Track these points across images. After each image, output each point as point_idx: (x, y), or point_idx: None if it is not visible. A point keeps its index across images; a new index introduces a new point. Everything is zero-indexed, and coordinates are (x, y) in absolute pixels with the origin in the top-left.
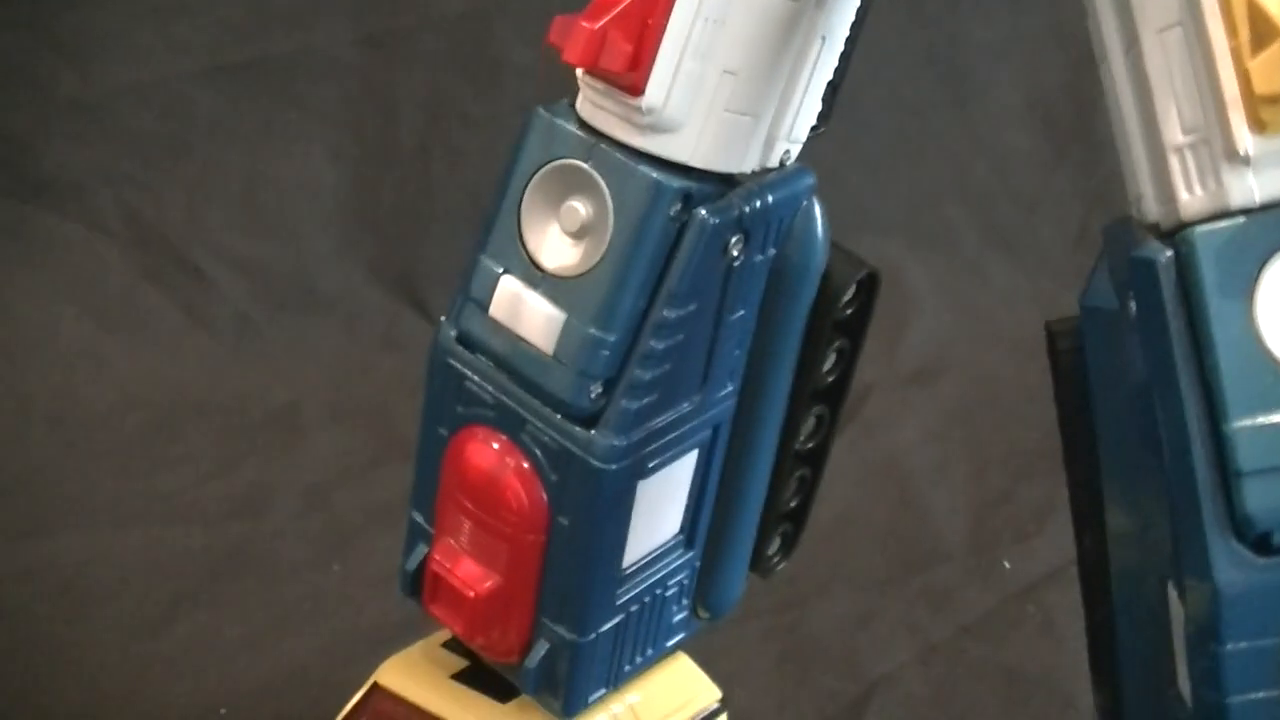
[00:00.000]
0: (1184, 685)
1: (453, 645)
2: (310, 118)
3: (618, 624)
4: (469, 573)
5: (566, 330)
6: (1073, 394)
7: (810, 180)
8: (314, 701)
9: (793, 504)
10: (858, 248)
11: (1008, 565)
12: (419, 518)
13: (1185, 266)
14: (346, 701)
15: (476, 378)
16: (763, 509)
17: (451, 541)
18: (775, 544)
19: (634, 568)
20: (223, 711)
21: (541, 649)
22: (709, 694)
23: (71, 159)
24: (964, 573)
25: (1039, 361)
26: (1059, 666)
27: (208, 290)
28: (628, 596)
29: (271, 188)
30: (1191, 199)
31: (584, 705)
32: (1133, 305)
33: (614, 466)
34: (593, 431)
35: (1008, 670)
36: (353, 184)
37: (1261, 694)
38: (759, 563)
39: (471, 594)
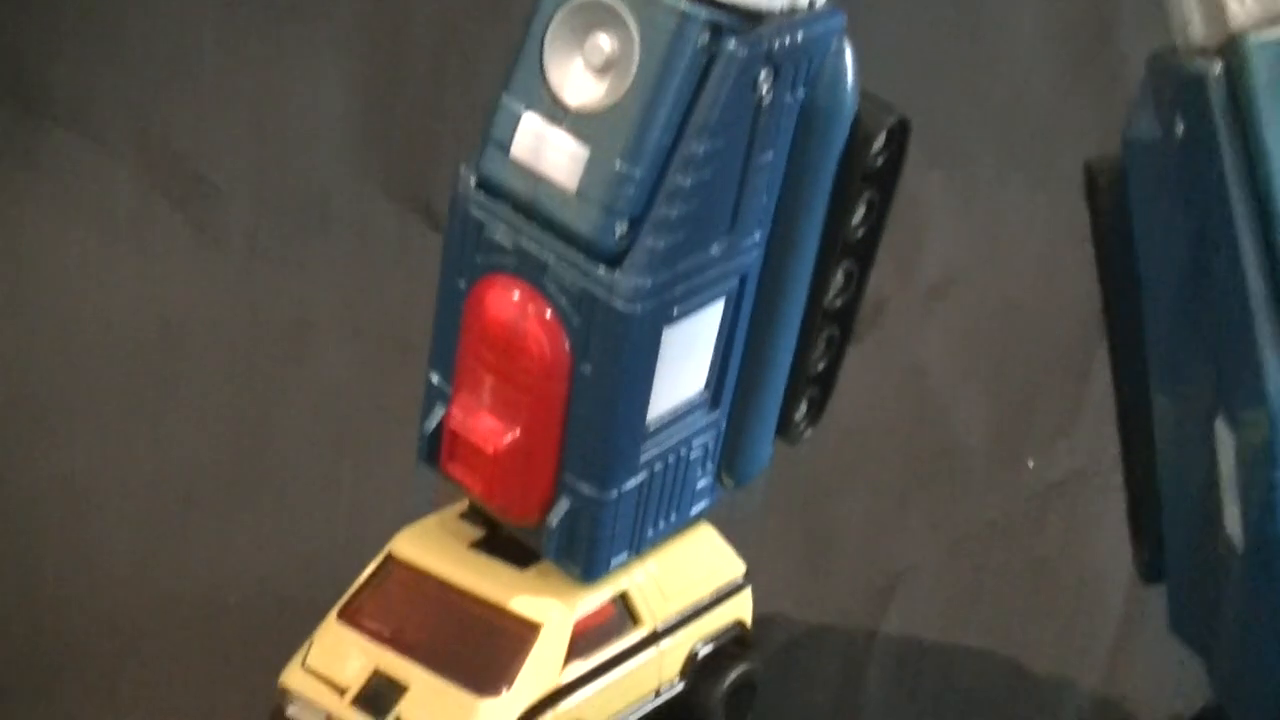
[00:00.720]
0: (1232, 527)
1: (470, 516)
2: (322, 36)
3: (641, 484)
4: (488, 428)
5: (591, 166)
6: (1113, 235)
7: (841, 21)
8: (325, 588)
9: (821, 366)
10: None
11: (1031, 465)
12: (436, 378)
13: (1236, 77)
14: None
15: (497, 224)
16: (790, 370)
17: (470, 398)
18: (802, 409)
19: (658, 424)
20: (233, 600)
21: (563, 507)
22: (734, 567)
23: (80, 78)
24: (987, 474)
25: (1058, 281)
26: (1089, 562)
27: (217, 208)
28: (652, 454)
29: (282, 106)
30: (1241, 8)
31: (605, 570)
32: (1180, 128)
33: (639, 308)
34: (617, 272)
35: (1036, 565)
36: (365, 103)
37: None
38: (786, 429)
39: (491, 449)
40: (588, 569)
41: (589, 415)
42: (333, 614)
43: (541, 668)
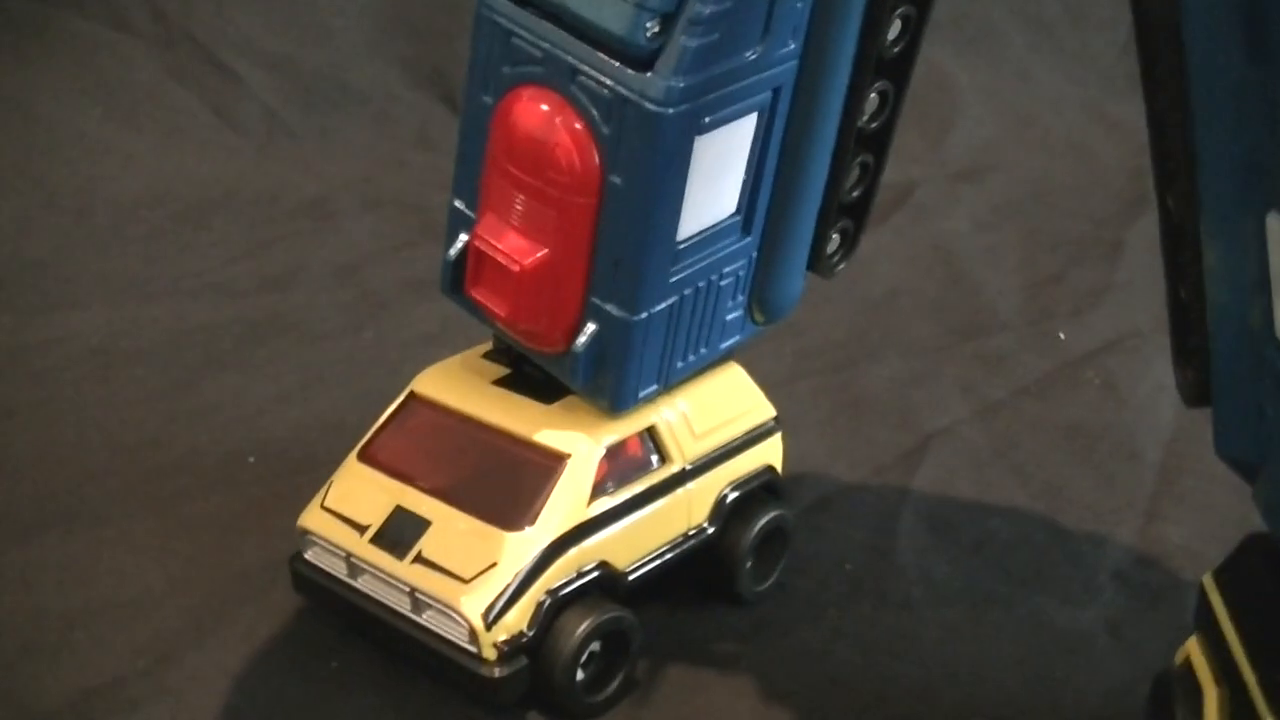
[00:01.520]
0: None
1: (493, 355)
2: None
3: (671, 308)
4: (515, 245)
5: None
6: (1160, 27)
7: None
8: (343, 445)
9: (854, 195)
10: None
11: (1063, 336)
12: (460, 204)
13: None
14: None
15: (524, 32)
16: (823, 198)
17: (496, 218)
18: (835, 241)
19: (689, 244)
20: (251, 459)
21: (591, 331)
22: (764, 410)
23: None
24: (1018, 342)
25: (1088, 163)
26: (1121, 423)
27: (236, 89)
28: (682, 275)
29: None
30: None
31: (633, 401)
32: None
33: (671, 111)
34: (649, 74)
35: (1069, 426)
36: None
37: None
38: (818, 261)
39: (517, 267)
40: (615, 399)
41: (619, 230)
42: (353, 455)
43: (568, 501)
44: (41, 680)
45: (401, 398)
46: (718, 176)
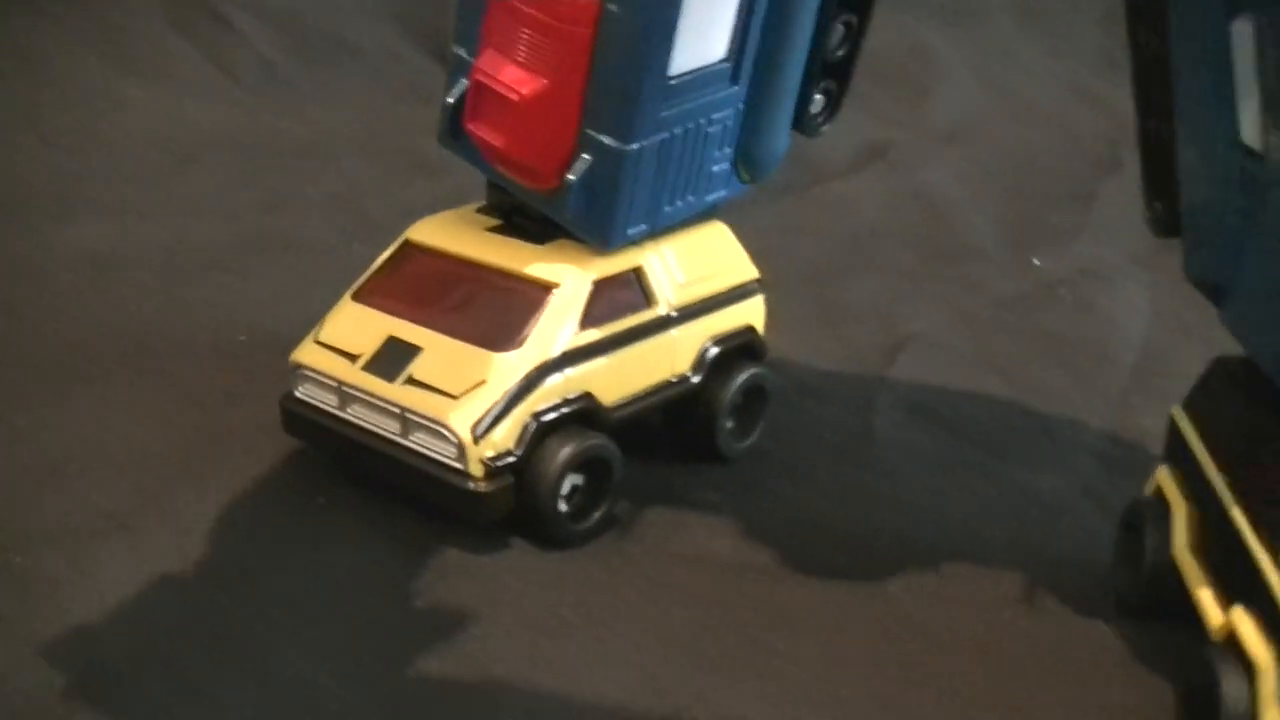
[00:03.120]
0: (1250, 134)
1: (486, 209)
2: None
3: (661, 145)
4: (514, 77)
5: None
6: None
7: None
8: None
9: (838, 54)
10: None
11: (1037, 262)
12: (461, 51)
13: None
14: None
15: None
16: (808, 56)
17: (496, 53)
18: (819, 101)
19: (680, 80)
20: (243, 338)
21: (584, 163)
22: (747, 270)
23: None
24: (996, 268)
25: (1067, 132)
26: (1093, 333)
27: (234, 39)
28: (672, 112)
29: None
30: None
31: (623, 238)
32: None
33: None
34: None
35: (1043, 334)
36: None
37: None
38: (803, 121)
39: (516, 96)
40: (606, 232)
41: (615, 59)
42: (347, 296)
43: (555, 327)
44: (42, 510)
45: (396, 244)
46: (709, 17)
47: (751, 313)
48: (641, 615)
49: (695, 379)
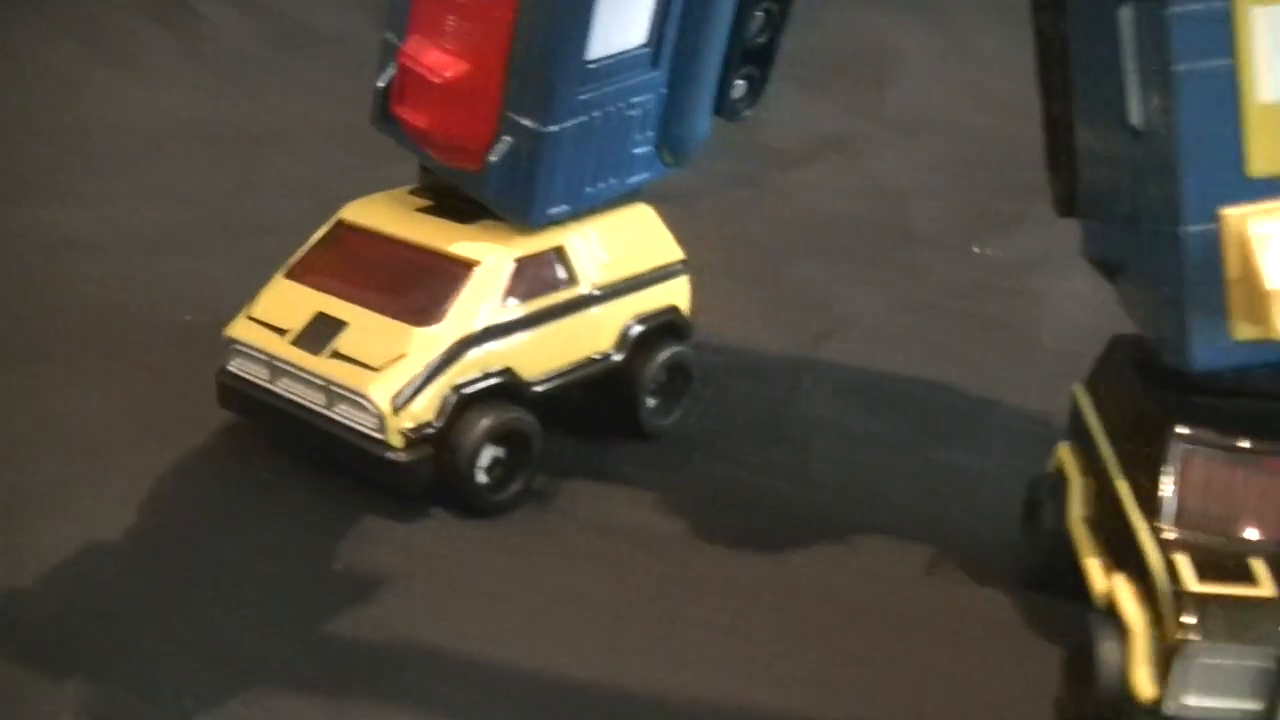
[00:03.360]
0: (1136, 113)
1: (418, 191)
2: None
3: (580, 128)
4: (437, 60)
5: None
6: None
7: None
8: None
9: (759, 41)
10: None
11: (977, 250)
12: (391, 36)
13: None
14: None
15: None
16: (728, 42)
17: (421, 38)
18: (741, 87)
19: (599, 65)
20: (188, 317)
21: (505, 144)
22: (672, 252)
23: None
24: (940, 254)
25: (1026, 123)
26: (1027, 319)
27: (205, 27)
28: (591, 96)
29: None
30: None
31: (544, 216)
32: None
33: None
34: None
35: (977, 319)
36: None
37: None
38: (725, 105)
39: (439, 79)
40: (527, 211)
41: (533, 43)
42: (279, 273)
43: (476, 303)
44: None
45: (328, 224)
46: (628, 3)
47: (676, 293)
48: (553, 581)
49: (617, 356)
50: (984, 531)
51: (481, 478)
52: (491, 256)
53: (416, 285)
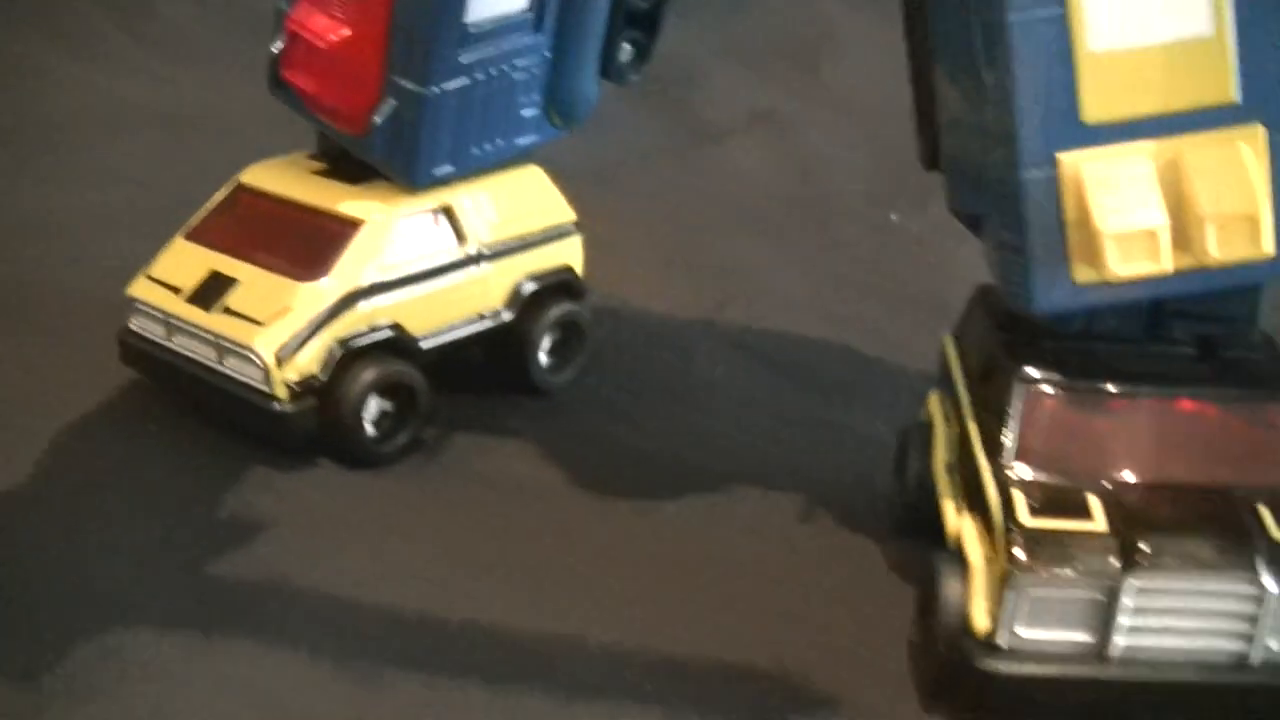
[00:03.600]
0: (981, 60)
1: (316, 156)
2: None
3: (463, 89)
4: (323, 25)
5: None
6: None
7: None
8: None
9: (644, 5)
10: None
11: (895, 218)
12: (283, 4)
13: None
14: None
15: None
16: (611, 7)
17: (309, 5)
18: (626, 50)
19: (479, 29)
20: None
21: (389, 105)
22: (564, 212)
23: None
24: (859, 225)
25: None
26: (940, 286)
27: (156, 13)
28: (473, 59)
29: None
30: None
31: (429, 176)
32: None
33: None
34: None
35: (888, 287)
36: None
37: None
38: (612, 69)
39: (324, 43)
40: (411, 172)
41: (412, 6)
42: (179, 234)
43: (361, 260)
44: None
45: (228, 187)
46: None
47: (568, 253)
48: (431, 528)
49: (508, 314)
50: (864, 486)
51: (370, 430)
52: (377, 215)
53: (305, 243)
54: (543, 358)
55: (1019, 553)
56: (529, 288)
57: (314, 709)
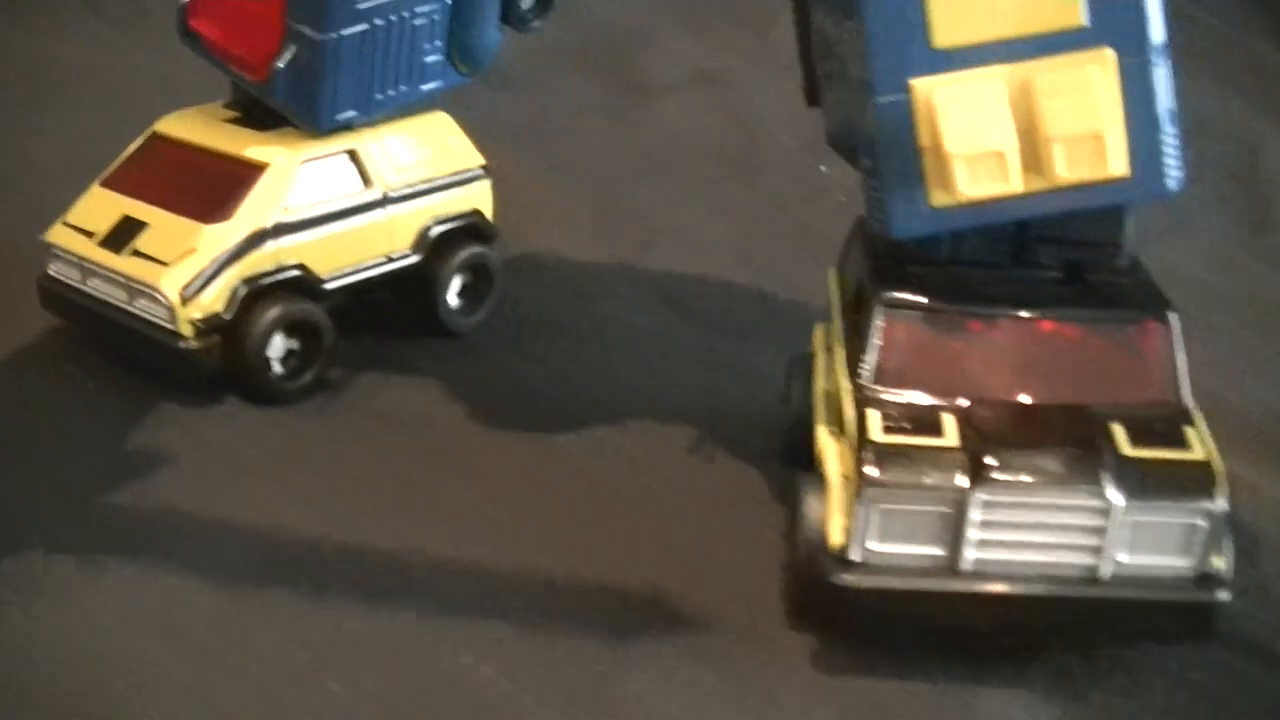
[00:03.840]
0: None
1: (230, 105)
2: None
3: (363, 36)
4: None
5: None
6: None
7: None
8: None
9: None
10: None
11: (824, 169)
12: None
13: None
14: None
15: None
16: None
17: None
18: (530, 0)
19: None
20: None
21: (289, 52)
22: (473, 158)
23: None
24: (789, 178)
25: None
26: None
27: None
28: (372, 5)
29: None
30: None
31: (331, 120)
32: None
33: None
34: None
35: (812, 234)
36: None
37: None
38: (513, 17)
39: None
40: (314, 116)
41: None
42: (96, 182)
43: (265, 202)
44: None
45: (144, 136)
46: None
47: (478, 198)
48: (328, 460)
49: (416, 257)
50: (758, 420)
51: (276, 368)
52: (280, 158)
53: (212, 188)
54: (452, 299)
55: (869, 469)
56: (436, 231)
57: (200, 628)
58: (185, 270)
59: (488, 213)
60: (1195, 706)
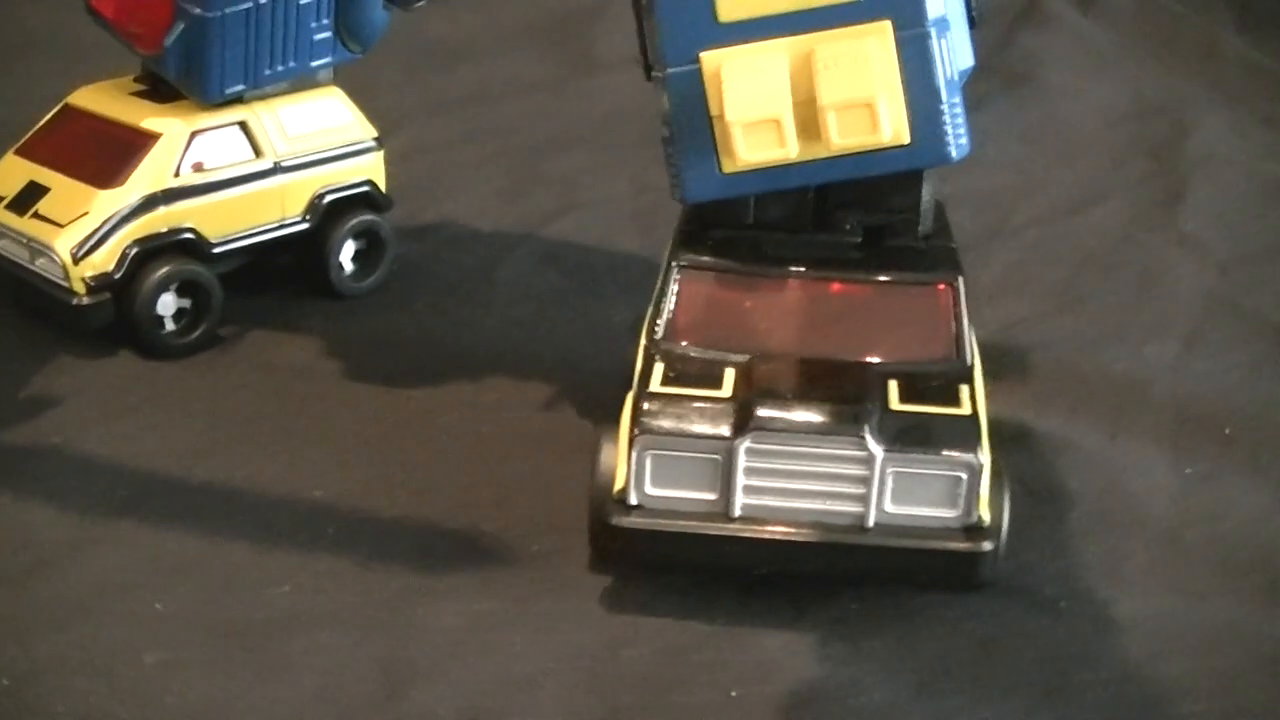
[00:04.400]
0: None
1: (140, 79)
2: None
3: (247, 13)
4: None
5: None
6: None
7: None
8: None
9: None
10: None
11: None
12: None
13: None
14: None
15: None
16: None
17: None
18: None
19: None
20: None
21: (178, 28)
22: (366, 131)
23: None
24: None
25: None
26: None
27: None
28: None
29: None
30: None
31: (220, 93)
32: None
33: None
34: None
35: None
36: None
37: None
38: None
39: None
40: (203, 89)
41: None
42: (10, 150)
43: (156, 170)
44: None
45: (57, 108)
46: None
47: (370, 168)
48: (206, 404)
49: (306, 223)
50: (608, 374)
51: (169, 325)
52: (171, 128)
53: (109, 155)
54: (345, 264)
55: (645, 417)
56: (328, 199)
57: (49, 551)
58: (77, 231)
59: (380, 183)
60: (968, 655)
